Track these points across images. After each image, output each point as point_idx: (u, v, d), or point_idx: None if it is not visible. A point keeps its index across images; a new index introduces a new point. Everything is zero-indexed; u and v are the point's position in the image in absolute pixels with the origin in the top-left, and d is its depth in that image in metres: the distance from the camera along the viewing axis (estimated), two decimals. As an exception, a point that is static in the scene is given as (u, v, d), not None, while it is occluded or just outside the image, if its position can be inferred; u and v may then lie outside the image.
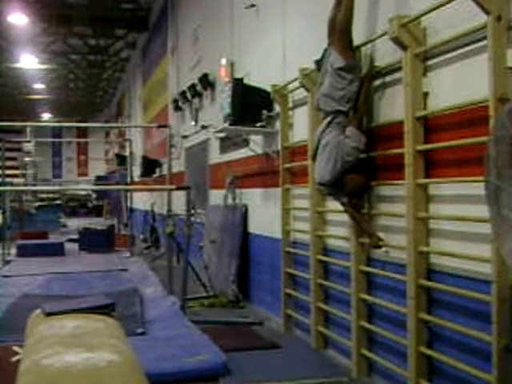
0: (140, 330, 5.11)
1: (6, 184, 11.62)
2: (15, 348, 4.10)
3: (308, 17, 5.11)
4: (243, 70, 6.66)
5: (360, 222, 4.05)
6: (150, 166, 12.24)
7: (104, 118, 28.45)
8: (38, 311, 3.10)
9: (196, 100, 9.05)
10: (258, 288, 6.54)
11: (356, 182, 3.95)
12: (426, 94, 3.44)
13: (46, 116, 29.57)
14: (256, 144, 6.32)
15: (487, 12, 2.83)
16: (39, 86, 22.32)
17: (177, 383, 3.94)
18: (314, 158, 4.19)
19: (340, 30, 3.98)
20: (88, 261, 10.47)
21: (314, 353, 4.78)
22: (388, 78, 3.88)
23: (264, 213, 6.26)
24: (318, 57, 4.60)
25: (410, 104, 3.45)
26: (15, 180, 19.30)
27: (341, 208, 4.19)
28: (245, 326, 5.68)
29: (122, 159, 16.86)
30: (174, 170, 10.04)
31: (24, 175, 21.05)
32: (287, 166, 5.35)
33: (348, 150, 3.87)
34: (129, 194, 12.44)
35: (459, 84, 3.20)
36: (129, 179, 12.76)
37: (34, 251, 10.89)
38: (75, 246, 12.17)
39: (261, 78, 6.00)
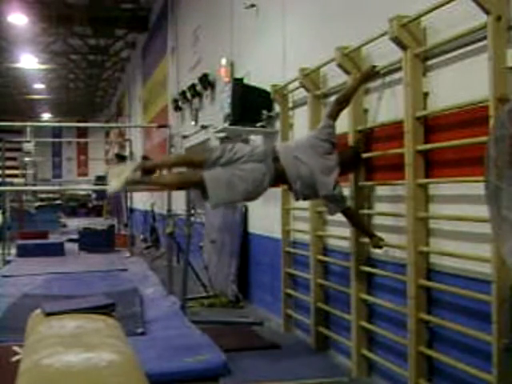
0: (140, 330, 5.10)
1: (6, 184, 11.58)
2: (15, 348, 4.08)
3: (308, 17, 5.11)
4: (243, 69, 6.65)
5: (358, 224, 4.06)
6: (150, 165, 12.20)
7: (104, 118, 28.44)
8: (37, 311, 3.09)
9: (196, 100, 9.05)
10: (258, 288, 6.54)
11: (348, 154, 4.04)
12: (426, 94, 3.44)
13: (46, 116, 29.59)
14: (256, 144, 6.33)
15: (487, 12, 2.83)
16: (39, 85, 22.32)
17: (177, 383, 3.94)
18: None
19: None
20: (88, 261, 10.45)
21: (314, 353, 4.78)
22: (388, 78, 3.88)
23: (264, 213, 6.25)
24: (318, 56, 4.61)
25: (410, 104, 3.45)
26: (15, 180, 19.25)
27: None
28: (245, 326, 5.68)
29: (122, 159, 16.84)
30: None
31: (24, 175, 20.97)
32: (287, 165, 5.34)
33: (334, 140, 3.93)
34: (129, 194, 12.43)
35: (459, 84, 3.20)
36: (129, 179, 12.72)
37: (34, 251, 10.85)
38: (75, 246, 12.14)
39: (261, 77, 6.00)
